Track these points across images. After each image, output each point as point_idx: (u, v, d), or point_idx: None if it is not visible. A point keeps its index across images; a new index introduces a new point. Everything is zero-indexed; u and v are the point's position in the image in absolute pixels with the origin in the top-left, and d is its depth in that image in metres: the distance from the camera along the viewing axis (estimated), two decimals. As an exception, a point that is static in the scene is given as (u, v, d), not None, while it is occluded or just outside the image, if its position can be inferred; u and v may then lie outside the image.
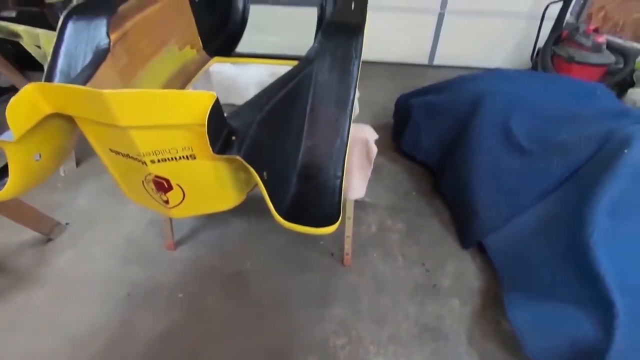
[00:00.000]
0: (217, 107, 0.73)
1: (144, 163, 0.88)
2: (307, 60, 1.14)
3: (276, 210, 0.85)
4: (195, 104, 0.75)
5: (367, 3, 1.36)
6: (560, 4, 2.75)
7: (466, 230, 1.83)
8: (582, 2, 3.18)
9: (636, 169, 1.31)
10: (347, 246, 1.70)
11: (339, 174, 1.02)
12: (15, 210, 1.70)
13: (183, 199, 0.99)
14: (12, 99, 0.75)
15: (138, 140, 0.82)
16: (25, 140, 0.84)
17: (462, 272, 1.72)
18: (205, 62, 1.95)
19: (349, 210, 1.60)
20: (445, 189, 2.06)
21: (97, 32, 1.21)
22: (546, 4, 2.82)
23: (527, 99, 1.78)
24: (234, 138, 0.78)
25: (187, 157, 0.88)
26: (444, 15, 3.41)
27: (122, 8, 1.31)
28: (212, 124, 0.71)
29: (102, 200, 2.09)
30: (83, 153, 2.39)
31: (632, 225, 1.27)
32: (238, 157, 0.75)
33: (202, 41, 1.98)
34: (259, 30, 2.29)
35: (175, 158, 0.88)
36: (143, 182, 0.96)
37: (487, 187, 1.77)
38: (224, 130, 0.76)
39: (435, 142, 2.12)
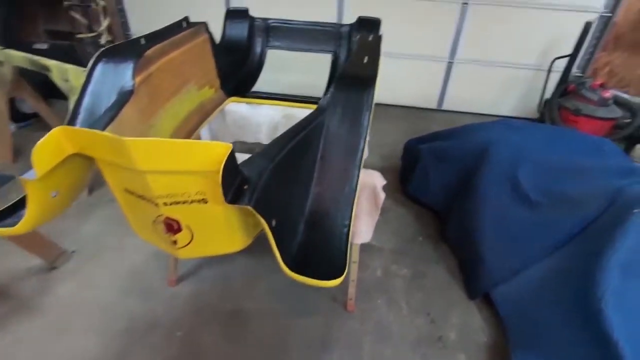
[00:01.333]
0: (231, 158, 0.76)
1: (157, 205, 0.90)
2: (320, 110, 1.19)
3: (282, 259, 0.86)
4: (211, 153, 0.78)
5: (379, 57, 1.43)
6: (567, 59, 2.84)
7: (473, 280, 1.79)
8: (587, 57, 3.28)
9: (645, 229, 1.29)
10: (351, 290, 1.67)
11: (346, 222, 1.03)
12: (24, 237, 1.72)
13: (191, 240, 1.00)
14: (39, 142, 0.80)
15: (153, 184, 0.85)
16: (45, 178, 0.87)
17: (468, 324, 1.67)
18: (221, 102, 2.04)
19: (355, 255, 1.59)
20: (451, 234, 2.05)
21: (124, 74, 1.28)
22: (552, 59, 2.92)
23: (535, 150, 1.80)
24: (245, 187, 0.80)
25: (199, 201, 0.91)
26: (452, 64, 3.54)
27: (148, 53, 1.40)
28: (226, 175, 0.74)
29: (110, 228, 2.12)
30: (95, 181, 2.44)
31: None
32: (249, 207, 0.77)
33: (220, 82, 2.07)
34: (273, 70, 2.40)
35: (187, 202, 0.90)
36: (154, 222, 0.98)
37: (494, 236, 1.75)
38: (236, 179, 0.79)
39: (442, 187, 2.13)
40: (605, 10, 3.04)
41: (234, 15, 2.31)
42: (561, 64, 2.96)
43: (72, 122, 1.19)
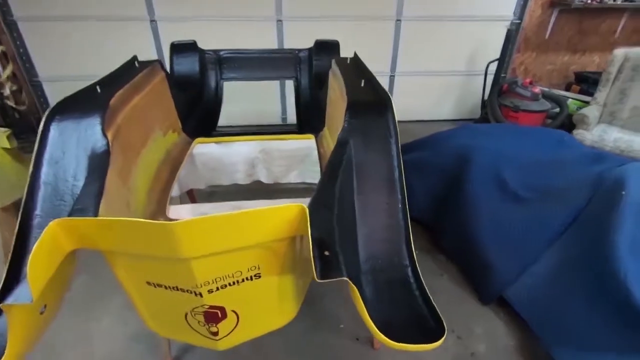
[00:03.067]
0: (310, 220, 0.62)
1: (199, 294, 0.70)
2: (341, 143, 1.08)
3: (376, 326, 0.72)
4: (280, 219, 0.63)
5: (374, 77, 1.37)
6: (496, 62, 3.14)
7: (483, 286, 1.79)
8: (507, 59, 3.67)
9: (638, 207, 1.41)
10: (376, 327, 1.55)
11: (406, 262, 0.93)
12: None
13: (236, 325, 0.81)
14: (36, 248, 0.56)
15: (198, 271, 0.66)
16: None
17: (492, 332, 1.66)
18: (188, 145, 1.80)
19: (375, 287, 1.48)
20: (448, 244, 2.05)
21: (91, 132, 1.03)
22: (486, 63, 3.20)
23: (511, 150, 1.90)
24: (327, 253, 0.66)
25: (251, 277, 0.73)
26: (394, 77, 3.70)
27: (113, 102, 1.16)
28: (315, 243, 0.59)
29: (63, 319, 1.71)
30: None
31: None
32: (346, 279, 0.62)
33: (181, 123, 1.84)
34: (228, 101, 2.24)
35: (238, 281, 0.72)
36: (188, 314, 0.76)
37: (493, 239, 1.78)
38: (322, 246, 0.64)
39: (428, 198, 2.14)
40: (515, 18, 3.45)
41: (180, 49, 2.10)
42: (482, 67, 3.28)
43: (29, 204, 0.91)
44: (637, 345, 1.23)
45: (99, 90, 1.24)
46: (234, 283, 0.72)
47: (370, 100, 1.15)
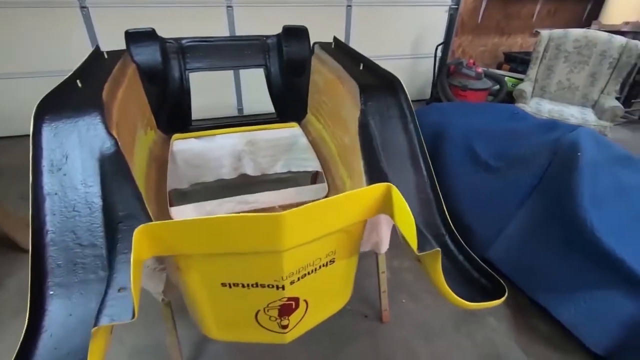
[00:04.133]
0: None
1: (281, 287, 0.69)
2: (363, 125, 1.09)
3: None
4: (368, 199, 0.63)
5: (377, 65, 1.40)
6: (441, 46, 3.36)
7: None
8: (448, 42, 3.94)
9: (594, 165, 1.65)
10: (385, 301, 1.62)
11: (443, 231, 0.99)
12: None
13: (304, 315, 0.80)
14: (134, 260, 0.50)
15: (287, 262, 0.64)
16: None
17: (480, 290, 1.83)
18: (166, 143, 1.67)
19: (382, 265, 1.54)
20: (428, 217, 2.19)
21: (93, 132, 0.92)
22: (435, 46, 3.41)
23: (478, 126, 2.08)
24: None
25: (327, 263, 0.73)
26: (348, 62, 3.76)
27: (104, 97, 1.04)
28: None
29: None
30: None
31: (610, 209, 1.59)
32: (438, 249, 0.66)
33: (156, 120, 1.70)
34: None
35: (316, 269, 0.72)
36: (260, 312, 0.74)
37: (472, 206, 1.96)
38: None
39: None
40: (453, 4, 3.71)
41: (138, 38, 1.91)
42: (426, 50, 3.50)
43: (37, 219, 0.80)
44: (608, 280, 1.46)
45: (79, 85, 1.09)
46: (312, 271, 0.71)
47: (381, 82, 1.18)
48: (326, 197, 1.36)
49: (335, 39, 1.75)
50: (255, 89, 3.51)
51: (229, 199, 1.35)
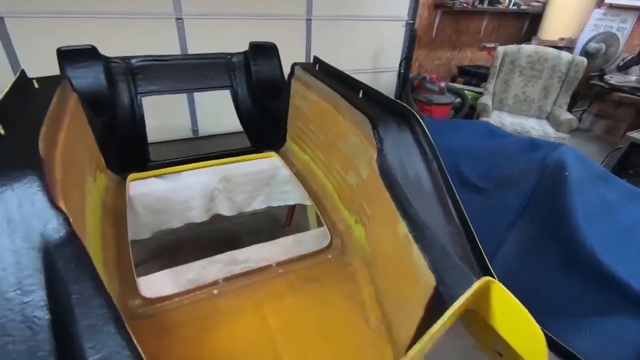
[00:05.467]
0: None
1: None
2: (384, 171, 0.92)
3: None
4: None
5: (377, 92, 1.23)
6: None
7: (461, 277, 1.87)
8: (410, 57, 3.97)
9: (580, 183, 1.65)
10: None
11: (476, 267, 0.84)
12: None
13: None
14: None
15: None
16: None
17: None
18: (121, 186, 1.36)
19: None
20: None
21: (29, 207, 0.64)
22: (399, 60, 3.38)
23: (460, 146, 2.02)
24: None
25: None
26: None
27: (42, 147, 0.75)
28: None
29: None
30: None
31: (600, 228, 1.58)
32: None
33: (105, 160, 1.38)
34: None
35: None
36: None
37: (463, 230, 1.88)
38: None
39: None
40: (409, 19, 3.74)
41: (74, 57, 1.58)
42: (386, 64, 3.49)
43: None
44: (614, 304, 1.43)
45: (1, 131, 0.79)
46: None
47: (394, 116, 1.02)
48: (329, 244, 1.17)
49: (316, 58, 1.58)
50: (211, 108, 3.21)
51: (212, 259, 1.10)
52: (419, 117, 1.02)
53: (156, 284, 1.00)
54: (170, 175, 1.49)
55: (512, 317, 0.59)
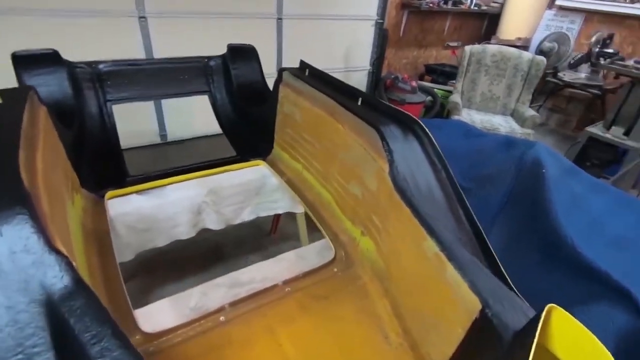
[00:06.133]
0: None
1: None
2: (397, 182, 0.90)
3: None
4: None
5: (378, 100, 1.21)
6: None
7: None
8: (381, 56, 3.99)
9: (556, 179, 1.74)
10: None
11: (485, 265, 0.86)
12: None
13: None
14: None
15: None
16: None
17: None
18: (99, 207, 1.24)
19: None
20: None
21: (24, 256, 0.55)
22: (372, 60, 3.39)
23: (443, 146, 2.06)
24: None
25: None
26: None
27: (25, 176, 0.66)
28: None
29: None
30: None
31: (574, 221, 1.68)
32: None
33: (79, 177, 1.25)
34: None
35: None
36: None
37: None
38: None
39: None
40: (378, 18, 3.76)
41: (32, 63, 1.42)
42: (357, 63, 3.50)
43: None
44: (593, 293, 1.53)
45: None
46: None
47: (401, 126, 1.00)
48: (334, 257, 1.14)
49: (303, 63, 1.53)
50: (179, 112, 3.04)
51: (213, 282, 1.03)
52: (424, 126, 1.01)
53: (156, 316, 0.92)
54: (153, 191, 1.39)
55: (580, 348, 0.59)
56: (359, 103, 1.16)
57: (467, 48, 3.28)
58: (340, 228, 1.20)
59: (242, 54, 1.85)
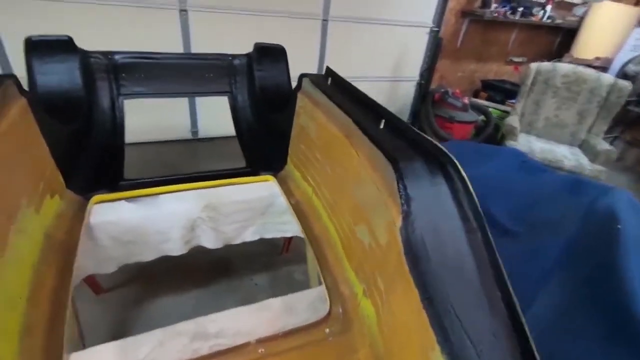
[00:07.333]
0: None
1: None
2: (409, 245, 0.66)
3: None
4: None
5: (402, 121, 0.97)
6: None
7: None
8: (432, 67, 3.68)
9: (636, 240, 1.37)
10: None
11: None
12: None
13: None
14: None
15: None
16: None
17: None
18: (80, 211, 1.11)
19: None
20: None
21: None
22: (421, 71, 3.11)
23: (489, 178, 1.75)
24: None
25: None
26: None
27: None
28: None
29: None
30: None
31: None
32: None
33: (63, 177, 1.13)
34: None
35: None
36: None
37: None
38: None
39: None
40: (434, 26, 3.45)
41: (45, 49, 1.34)
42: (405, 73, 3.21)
43: None
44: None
45: None
46: None
47: (425, 161, 0.75)
48: (329, 313, 0.92)
49: (329, 70, 1.31)
50: (213, 109, 2.96)
51: (176, 328, 0.84)
52: (459, 166, 0.76)
53: (94, 363, 0.75)
54: (145, 199, 1.24)
55: None
56: (381, 126, 0.92)
57: (534, 65, 2.87)
58: (342, 277, 0.97)
59: (270, 54, 1.68)
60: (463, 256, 0.67)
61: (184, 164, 2.74)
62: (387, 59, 3.49)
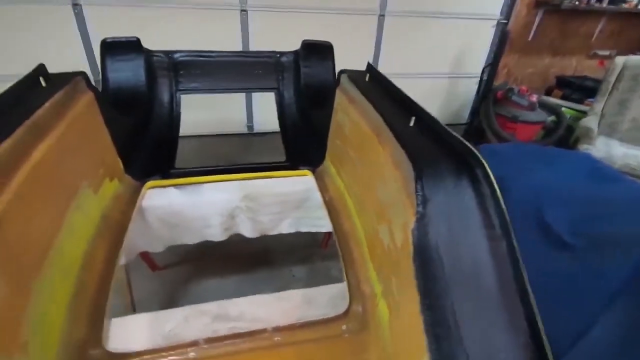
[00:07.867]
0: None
1: None
2: (420, 250, 0.63)
3: None
4: None
5: (434, 119, 0.92)
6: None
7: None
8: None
9: None
10: None
11: None
12: None
13: None
14: None
15: None
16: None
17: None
18: (135, 195, 1.24)
19: None
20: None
21: None
22: (482, 67, 2.91)
23: (550, 184, 1.58)
24: None
25: None
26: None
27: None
28: None
29: None
30: None
31: None
32: None
33: (123, 164, 1.27)
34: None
35: None
36: None
37: (538, 296, 1.46)
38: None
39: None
40: (502, 18, 3.19)
41: (117, 49, 1.51)
42: (467, 69, 3.00)
43: None
44: None
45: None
46: None
47: (450, 163, 0.71)
48: (347, 310, 0.91)
49: (369, 66, 1.29)
50: (269, 104, 3.07)
51: (200, 307, 0.91)
52: (488, 169, 0.70)
53: (127, 332, 0.84)
54: (190, 187, 1.35)
55: None
56: (411, 123, 0.89)
57: (620, 59, 2.52)
58: (365, 276, 0.96)
59: (317, 51, 1.70)
60: (481, 265, 0.62)
61: (236, 156, 2.90)
62: (446, 54, 3.32)
